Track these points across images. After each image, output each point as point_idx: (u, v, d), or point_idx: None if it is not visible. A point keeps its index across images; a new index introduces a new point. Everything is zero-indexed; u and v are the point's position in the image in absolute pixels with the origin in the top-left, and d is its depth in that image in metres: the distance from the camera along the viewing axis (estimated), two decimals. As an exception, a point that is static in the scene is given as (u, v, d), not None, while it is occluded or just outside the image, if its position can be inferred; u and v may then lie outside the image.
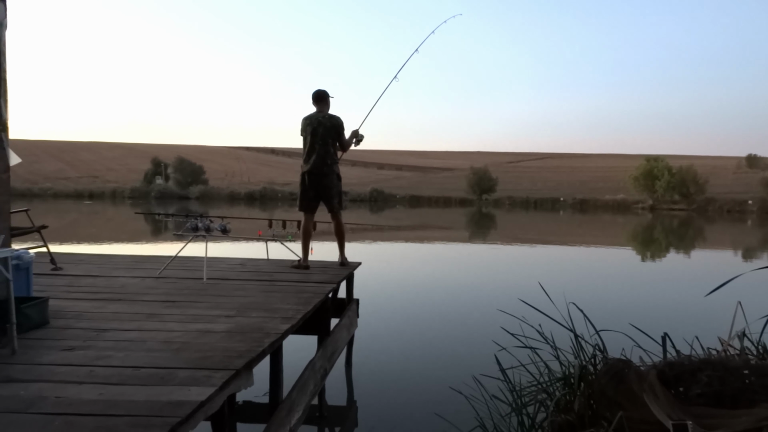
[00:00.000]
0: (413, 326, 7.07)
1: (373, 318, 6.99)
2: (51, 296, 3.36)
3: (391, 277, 11.02)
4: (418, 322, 7.27)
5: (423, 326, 7.08)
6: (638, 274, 13.09)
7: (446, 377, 4.88)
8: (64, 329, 3.02)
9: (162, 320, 3.27)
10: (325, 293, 4.30)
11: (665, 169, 64.28)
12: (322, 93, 5.80)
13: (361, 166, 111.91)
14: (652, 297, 9.56)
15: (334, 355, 4.59)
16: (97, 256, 6.50)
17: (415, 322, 7.26)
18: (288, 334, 3.11)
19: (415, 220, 36.66)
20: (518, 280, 10.76)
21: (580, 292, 9.34)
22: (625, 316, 3.54)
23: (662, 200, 63.47)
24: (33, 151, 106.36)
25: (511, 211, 54.91)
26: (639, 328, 2.83)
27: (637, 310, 8.08)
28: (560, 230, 31.28)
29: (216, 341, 2.80)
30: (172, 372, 2.32)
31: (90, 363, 2.43)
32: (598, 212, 55.98)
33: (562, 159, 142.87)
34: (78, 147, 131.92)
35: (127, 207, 48.07)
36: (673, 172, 63.87)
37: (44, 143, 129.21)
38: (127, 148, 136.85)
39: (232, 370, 2.35)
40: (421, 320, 7.40)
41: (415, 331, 6.84)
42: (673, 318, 7.68)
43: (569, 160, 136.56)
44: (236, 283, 4.64)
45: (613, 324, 2.85)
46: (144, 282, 4.63)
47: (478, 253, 17.17)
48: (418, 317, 7.59)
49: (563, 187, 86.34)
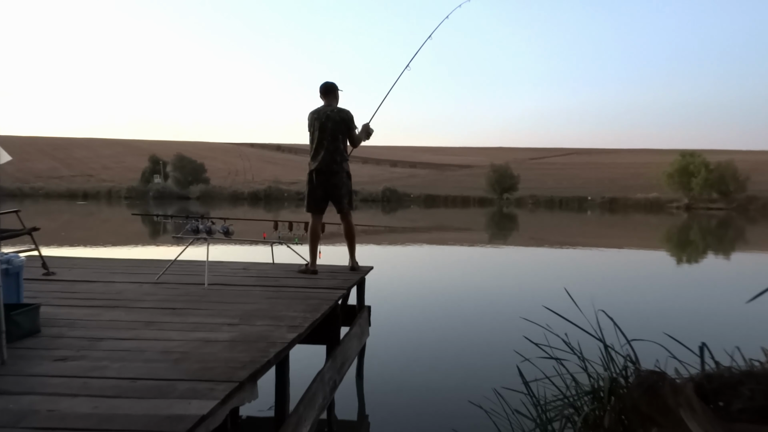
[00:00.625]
0: (429, 335, 7.06)
1: (386, 326, 6.99)
2: (43, 303, 3.39)
3: (406, 283, 11.01)
4: (435, 331, 7.25)
5: (439, 335, 7.06)
6: (673, 279, 12.98)
7: (465, 390, 4.86)
8: (57, 338, 3.04)
9: (161, 328, 3.28)
10: (334, 300, 4.30)
11: (702, 165, 63.71)
12: (330, 85, 5.80)
13: (372, 163, 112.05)
14: (689, 304, 9.47)
15: (344, 366, 4.59)
16: (91, 260, 6.55)
17: (431, 331, 7.25)
18: (295, 343, 3.12)
19: (431, 221, 36.61)
20: (542, 286, 10.71)
21: (610, 298, 9.29)
22: (659, 325, 3.51)
23: (699, 199, 62.91)
24: (24, 148, 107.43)
25: (535, 212, 54.66)
26: (674, 338, 2.80)
27: (673, 318, 8.01)
28: (588, 232, 31.09)
29: (218, 351, 2.81)
30: (172, 384, 2.33)
31: (84, 374, 2.44)
32: (629, 212, 55.57)
33: (589, 155, 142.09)
34: (72, 144, 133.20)
35: (124, 208, 48.46)
36: (711, 168, 63.30)
37: (36, 140, 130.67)
38: (123, 145, 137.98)
39: (235, 382, 2.36)
40: (438, 329, 7.38)
41: (431, 340, 6.83)
42: (712, 326, 7.61)
43: (597, 156, 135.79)
44: (239, 289, 4.66)
45: (646, 333, 2.82)
46: (141, 288, 4.65)
47: (499, 257, 17.11)
48: (435, 325, 7.57)
49: (591, 185, 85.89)
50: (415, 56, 6.35)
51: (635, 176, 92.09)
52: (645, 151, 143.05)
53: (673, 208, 61.88)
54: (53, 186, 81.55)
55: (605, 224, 38.42)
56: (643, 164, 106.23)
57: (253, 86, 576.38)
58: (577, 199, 75.69)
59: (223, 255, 7.69)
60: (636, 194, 71.22)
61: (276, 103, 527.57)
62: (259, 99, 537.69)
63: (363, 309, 5.60)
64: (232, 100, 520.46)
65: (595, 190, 79.97)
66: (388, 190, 79.32)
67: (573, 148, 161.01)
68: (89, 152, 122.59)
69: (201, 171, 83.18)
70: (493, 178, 78.95)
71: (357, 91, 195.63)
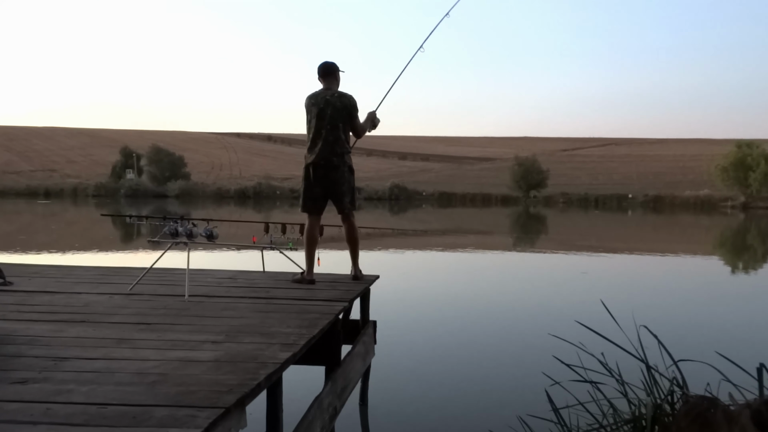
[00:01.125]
0: (443, 355, 7.06)
1: (394, 345, 6.99)
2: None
3: (416, 294, 11.02)
4: (450, 350, 7.25)
5: (455, 355, 7.06)
6: (727, 290, 12.93)
7: (485, 418, 4.86)
8: (15, 357, 3.05)
9: (134, 347, 3.29)
10: (334, 314, 4.30)
11: (761, 157, 63.45)
12: (330, 66, 5.80)
13: (378, 155, 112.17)
14: (745, 319, 9.44)
15: (345, 391, 4.60)
16: (54, 268, 6.58)
17: (445, 350, 7.25)
18: (289, 364, 3.12)
19: (446, 223, 36.60)
20: (575, 298, 10.69)
21: (654, 312, 9.26)
22: (710, 343, 3.50)
23: (757, 197, 62.66)
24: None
25: (566, 212, 54.55)
26: (728, 358, 2.79)
27: (726, 336, 7.99)
28: (628, 235, 31.02)
29: (201, 373, 2.82)
30: (147, 410, 2.34)
31: (47, 399, 2.45)
32: (676, 212, 55.40)
33: (630, 146, 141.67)
34: (31, 134, 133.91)
35: (92, 207, 48.68)
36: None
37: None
38: (90, 134, 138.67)
39: (220, 408, 2.36)
40: (454, 347, 7.38)
41: (446, 360, 6.83)
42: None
43: (639, 147, 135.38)
44: (225, 301, 4.67)
45: (695, 352, 2.82)
46: (112, 300, 4.67)
47: (525, 265, 17.08)
48: (450, 344, 7.57)
49: (632, 181, 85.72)
50: (429, 36, 6.37)
51: (683, 170, 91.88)
52: (695, 141, 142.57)
53: (727, 207, 61.67)
54: (10, 182, 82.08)
55: (648, 226, 38.30)
56: (692, 156, 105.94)
57: (239, 66, 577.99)
58: (616, 197, 75.58)
59: (206, 262, 7.73)
60: (684, 191, 71.07)
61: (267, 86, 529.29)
62: (247, 81, 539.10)
63: (367, 324, 5.61)
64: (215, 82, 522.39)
65: (637, 186, 79.82)
66: (397, 187, 79.42)
67: (611, 138, 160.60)
68: (51, 143, 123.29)
69: (180, 165, 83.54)
70: (518, 173, 78.89)
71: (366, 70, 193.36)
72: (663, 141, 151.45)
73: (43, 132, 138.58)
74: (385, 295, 8.14)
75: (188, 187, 77.17)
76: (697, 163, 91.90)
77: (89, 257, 15.50)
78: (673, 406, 2.55)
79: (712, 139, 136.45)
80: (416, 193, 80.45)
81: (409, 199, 76.17)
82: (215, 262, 9.22)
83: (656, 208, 61.82)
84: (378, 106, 6.03)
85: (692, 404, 2.34)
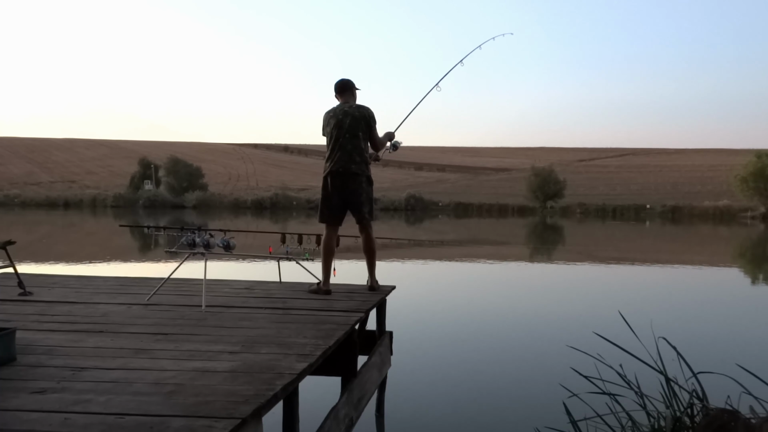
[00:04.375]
0: (460, 366, 7.03)
1: (411, 355, 6.98)
2: (18, 327, 3.43)
3: (433, 305, 10.99)
4: (467, 362, 7.22)
5: (472, 366, 7.03)
6: (747, 302, 12.80)
7: (502, 430, 4.83)
8: (35, 367, 3.08)
9: (152, 357, 3.31)
10: (350, 324, 4.30)
11: (782, 168, 62.82)
12: (346, 83, 5.84)
13: (394, 166, 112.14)
14: (766, 331, 9.33)
15: (361, 401, 4.58)
16: (74, 279, 6.63)
17: (462, 361, 7.22)
18: (305, 374, 3.12)
19: (463, 234, 36.53)
20: (593, 310, 10.63)
21: (673, 323, 9.18)
22: (730, 355, 3.47)
23: (778, 207, 61.99)
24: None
25: (584, 222, 54.29)
26: (748, 370, 2.76)
27: (747, 348, 7.90)
28: (646, 246, 30.79)
29: (217, 383, 2.83)
30: (164, 420, 2.34)
31: (65, 409, 2.47)
32: (695, 223, 54.98)
33: (648, 156, 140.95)
34: (51, 145, 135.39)
35: (110, 218, 49.05)
36: (794, 170, 62.42)
37: (11, 141, 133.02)
38: (109, 146, 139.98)
39: (237, 419, 2.36)
40: (470, 359, 7.35)
41: (463, 371, 6.80)
42: (794, 357, 7.47)
43: (657, 157, 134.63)
44: (242, 312, 4.68)
45: (715, 364, 2.79)
46: (130, 310, 4.70)
47: (542, 276, 17.00)
48: (466, 355, 7.54)
49: (650, 192, 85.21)
50: (443, 78, 6.68)
51: (702, 180, 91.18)
52: (714, 151, 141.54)
53: (746, 217, 61.09)
54: (30, 193, 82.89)
55: (666, 237, 38.02)
56: (711, 166, 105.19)
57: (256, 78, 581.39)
58: (634, 207, 75.11)
59: (223, 272, 7.76)
60: (703, 202, 70.53)
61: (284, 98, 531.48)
62: (264, 93, 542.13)
63: (384, 335, 5.60)
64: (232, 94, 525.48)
65: (655, 197, 79.32)
66: (413, 198, 79.38)
67: (629, 148, 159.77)
68: (71, 155, 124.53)
69: (197, 176, 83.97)
70: (534, 184, 78.61)
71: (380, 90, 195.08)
72: (681, 151, 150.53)
73: (62, 144, 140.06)
74: (401, 306, 8.12)
75: (205, 197, 77.52)
76: (716, 173, 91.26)
77: (108, 267, 15.61)
78: (693, 419, 2.52)
79: (732, 149, 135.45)
80: (432, 203, 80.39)
81: (425, 210, 76.10)
82: (232, 273, 9.25)
83: (675, 219, 61.38)
84: (397, 128, 6.17)
85: (713, 417, 2.32)
